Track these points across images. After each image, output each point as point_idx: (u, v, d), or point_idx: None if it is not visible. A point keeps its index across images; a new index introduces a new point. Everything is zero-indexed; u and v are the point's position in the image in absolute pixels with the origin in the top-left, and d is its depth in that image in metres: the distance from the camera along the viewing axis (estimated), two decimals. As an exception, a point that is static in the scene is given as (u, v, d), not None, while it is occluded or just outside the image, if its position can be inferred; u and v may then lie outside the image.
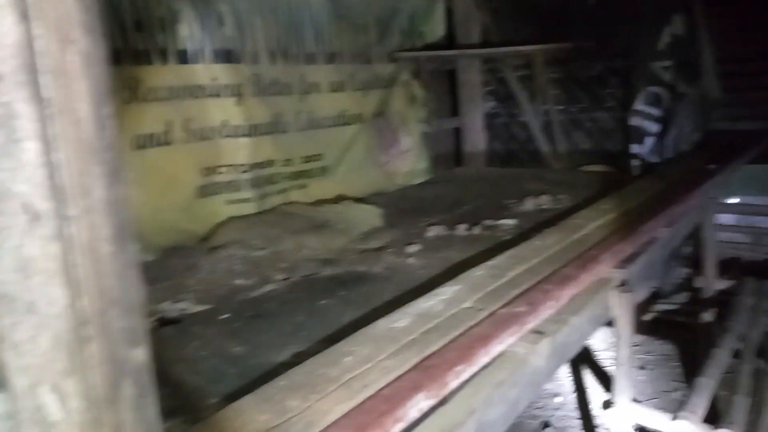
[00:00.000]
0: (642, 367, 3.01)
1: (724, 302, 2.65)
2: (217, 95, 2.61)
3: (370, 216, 2.48)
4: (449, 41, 4.20)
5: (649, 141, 3.27)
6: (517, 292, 1.55)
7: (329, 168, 3.17)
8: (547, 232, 2.08)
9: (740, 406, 1.75)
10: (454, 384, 1.16)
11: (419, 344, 1.25)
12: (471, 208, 2.81)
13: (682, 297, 3.37)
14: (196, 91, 2.55)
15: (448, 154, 4.40)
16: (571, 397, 2.88)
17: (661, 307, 3.41)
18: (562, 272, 1.69)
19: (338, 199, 3.00)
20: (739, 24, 4.02)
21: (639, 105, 3.26)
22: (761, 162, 3.32)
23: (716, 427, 1.65)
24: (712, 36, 3.67)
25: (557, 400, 2.86)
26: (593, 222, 2.17)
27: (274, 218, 2.49)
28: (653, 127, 3.27)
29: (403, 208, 2.89)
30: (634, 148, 3.27)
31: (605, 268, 1.81)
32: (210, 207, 2.59)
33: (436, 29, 4.07)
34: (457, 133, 4.43)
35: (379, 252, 2.17)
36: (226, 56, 2.63)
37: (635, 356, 3.12)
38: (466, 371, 1.19)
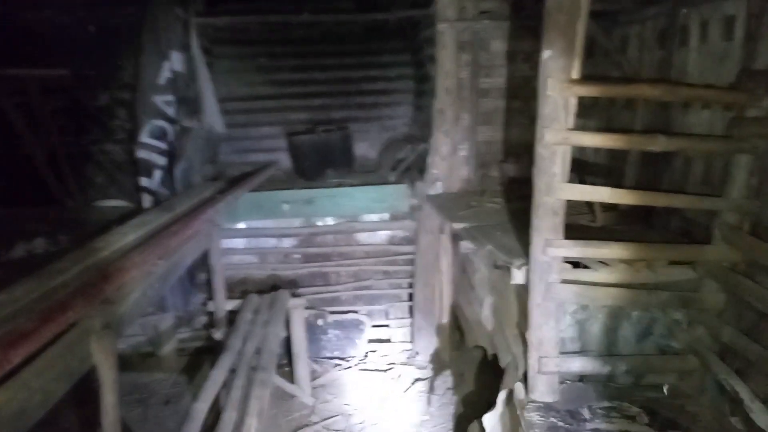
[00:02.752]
0: (167, 402, 2.98)
1: (232, 320, 2.86)
2: None
3: None
4: None
5: (158, 174, 3.28)
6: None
7: None
8: (18, 283, 1.78)
9: (229, 420, 1.86)
10: None
11: None
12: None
13: (201, 322, 3.51)
14: None
15: None
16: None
17: (182, 335, 3.48)
18: (18, 329, 1.44)
19: None
20: (240, 66, 4.51)
21: (144, 138, 3.24)
22: (263, 190, 3.75)
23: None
24: (213, 75, 3.99)
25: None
26: (80, 264, 1.98)
27: None
28: (161, 160, 3.30)
29: None
30: (144, 181, 3.23)
31: (81, 313, 1.65)
32: None
33: None
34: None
35: None
36: None
37: (167, 390, 3.07)
38: None
